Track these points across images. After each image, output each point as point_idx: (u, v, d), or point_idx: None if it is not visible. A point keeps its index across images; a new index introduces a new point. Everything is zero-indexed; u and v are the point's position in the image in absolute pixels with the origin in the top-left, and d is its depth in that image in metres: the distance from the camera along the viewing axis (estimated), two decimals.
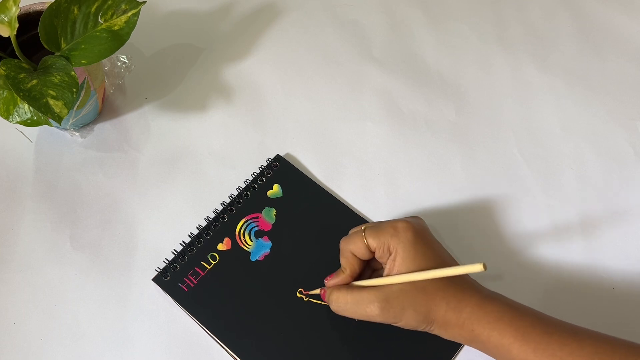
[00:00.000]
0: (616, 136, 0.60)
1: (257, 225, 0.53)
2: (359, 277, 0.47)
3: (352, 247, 0.45)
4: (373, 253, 0.45)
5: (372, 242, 0.44)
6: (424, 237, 0.44)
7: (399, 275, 0.43)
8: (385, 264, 0.45)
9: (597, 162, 0.59)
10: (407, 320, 0.42)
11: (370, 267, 0.48)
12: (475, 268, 0.38)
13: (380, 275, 0.46)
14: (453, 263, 0.45)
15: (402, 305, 0.42)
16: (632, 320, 0.50)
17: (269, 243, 0.52)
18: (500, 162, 0.59)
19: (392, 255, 0.44)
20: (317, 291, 0.49)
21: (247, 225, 0.53)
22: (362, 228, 0.46)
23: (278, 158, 0.57)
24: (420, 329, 0.44)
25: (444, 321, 0.42)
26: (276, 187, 0.55)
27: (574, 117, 0.62)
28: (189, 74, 0.64)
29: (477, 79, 0.64)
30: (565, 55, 0.66)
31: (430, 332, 0.44)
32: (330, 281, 0.47)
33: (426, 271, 0.42)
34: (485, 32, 0.68)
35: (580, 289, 0.51)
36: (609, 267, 0.52)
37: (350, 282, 0.46)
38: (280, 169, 0.57)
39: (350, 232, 0.48)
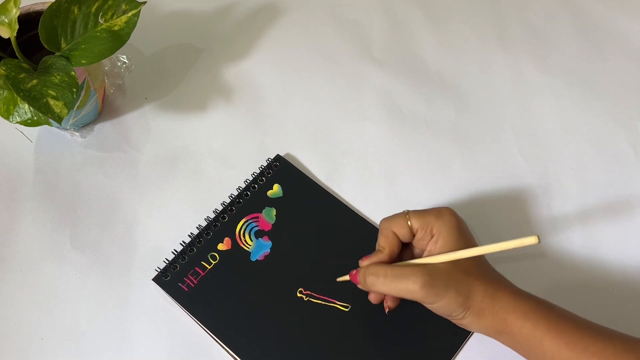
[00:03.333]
0: (616, 136, 0.60)
1: (257, 225, 0.53)
2: (396, 261, 0.46)
3: (394, 227, 0.45)
4: (413, 236, 0.45)
5: (416, 223, 0.44)
6: (464, 224, 0.45)
7: (445, 254, 0.43)
8: (425, 247, 0.45)
9: (597, 162, 0.59)
10: (448, 300, 0.42)
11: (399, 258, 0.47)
12: (529, 240, 0.39)
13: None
14: None
15: (446, 283, 0.42)
16: (632, 320, 0.50)
17: (269, 243, 0.52)
18: (500, 162, 0.59)
19: (435, 237, 0.44)
20: (346, 277, 0.48)
21: (247, 225, 0.53)
22: (405, 211, 0.46)
23: (278, 158, 0.57)
24: (454, 314, 0.43)
25: (480, 308, 0.42)
26: (276, 187, 0.55)
27: (574, 117, 0.62)
28: (189, 74, 0.64)
29: (477, 79, 0.64)
30: (565, 55, 0.66)
31: (460, 320, 0.43)
32: (365, 261, 0.46)
33: (477, 247, 0.42)
34: (485, 32, 0.68)
35: (580, 288, 0.51)
36: (609, 266, 0.52)
37: (387, 262, 0.45)
38: (280, 169, 0.57)
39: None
